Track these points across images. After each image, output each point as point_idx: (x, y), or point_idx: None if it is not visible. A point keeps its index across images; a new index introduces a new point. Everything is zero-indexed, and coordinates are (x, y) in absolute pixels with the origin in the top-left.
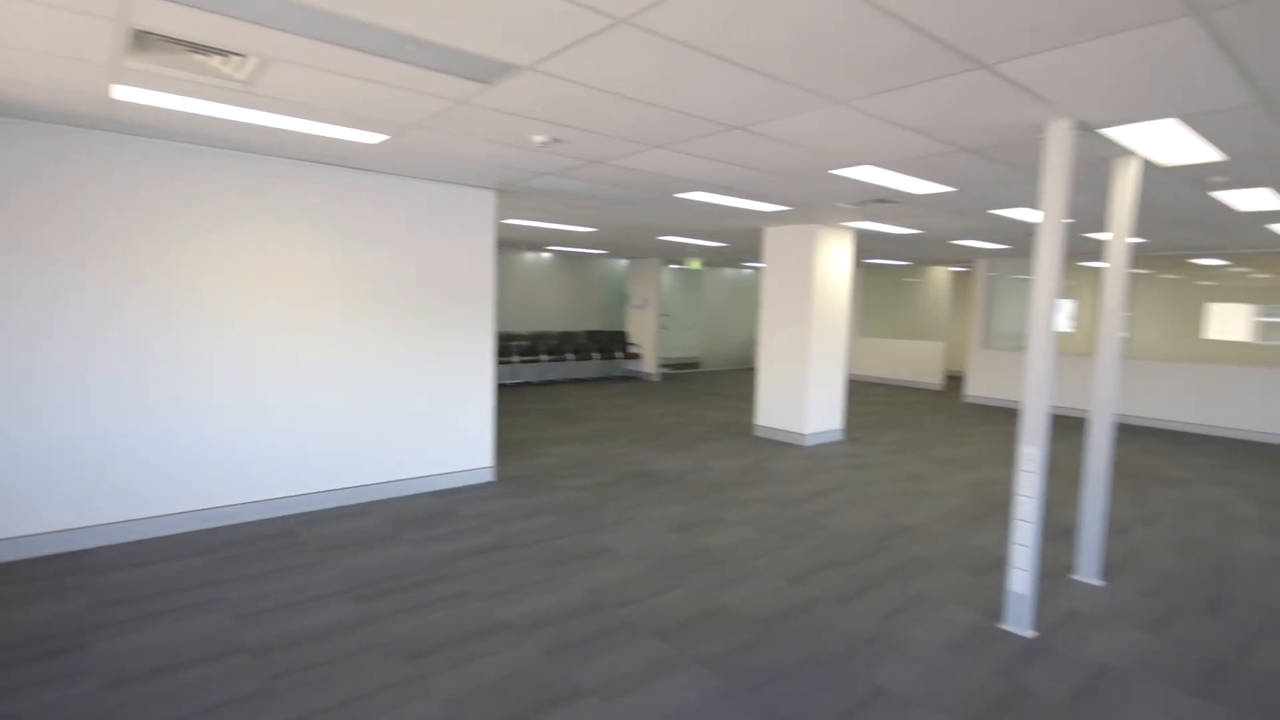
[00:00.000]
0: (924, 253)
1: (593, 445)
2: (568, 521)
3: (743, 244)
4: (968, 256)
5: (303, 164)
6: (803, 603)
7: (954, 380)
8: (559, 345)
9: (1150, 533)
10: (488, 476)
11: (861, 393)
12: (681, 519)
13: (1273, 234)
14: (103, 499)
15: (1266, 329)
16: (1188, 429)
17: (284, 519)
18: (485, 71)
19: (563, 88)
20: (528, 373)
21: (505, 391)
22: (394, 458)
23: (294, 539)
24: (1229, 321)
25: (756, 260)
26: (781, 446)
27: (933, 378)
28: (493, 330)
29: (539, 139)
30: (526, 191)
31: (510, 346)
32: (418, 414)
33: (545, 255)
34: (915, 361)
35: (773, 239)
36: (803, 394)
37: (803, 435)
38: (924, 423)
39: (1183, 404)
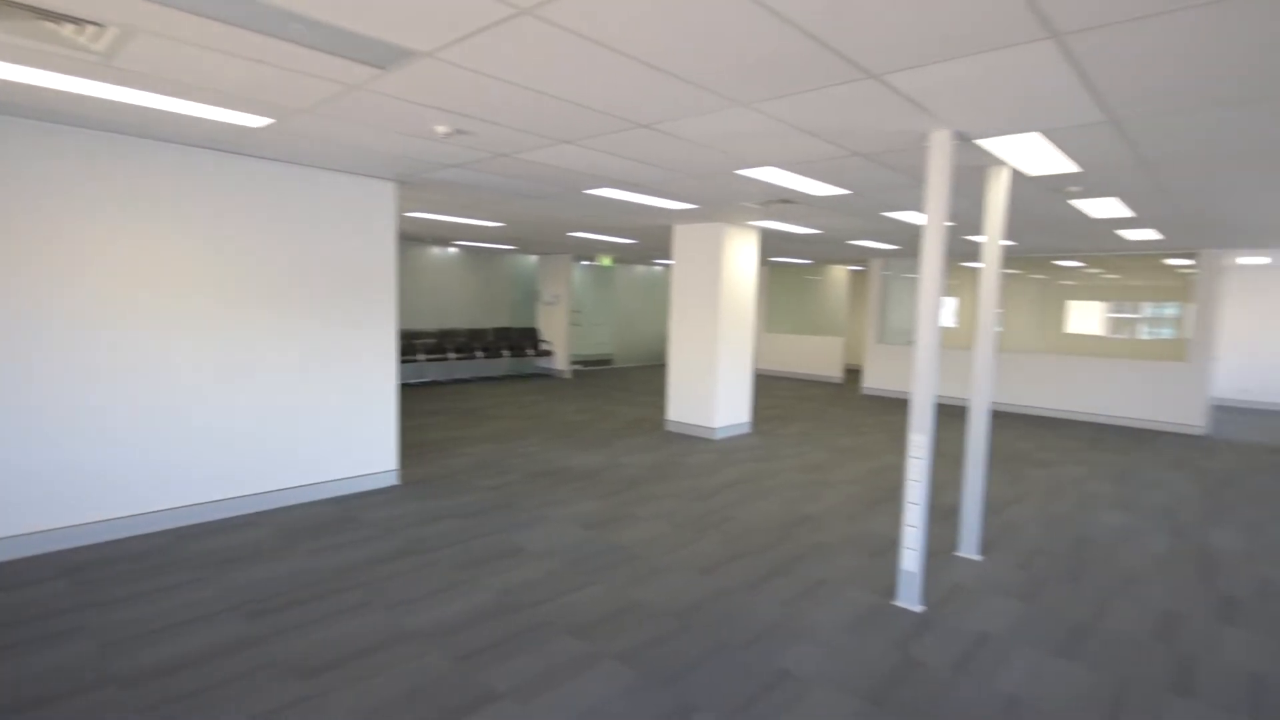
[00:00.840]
0: (824, 252)
1: (503, 444)
2: (478, 523)
3: (653, 241)
4: (864, 256)
5: (177, 147)
6: (713, 593)
7: (853, 373)
8: (467, 343)
9: (1022, 510)
10: (392, 480)
11: (767, 387)
12: (594, 516)
13: (1120, 239)
14: None
15: (1116, 324)
16: (1053, 415)
17: (162, 534)
18: (381, 56)
19: (465, 77)
20: (434, 371)
21: (411, 391)
22: (287, 463)
23: (173, 555)
24: (1085, 317)
25: (667, 258)
26: (692, 441)
27: (833, 371)
28: (395, 327)
29: (442, 129)
30: (431, 184)
31: (416, 344)
32: (313, 416)
33: (452, 250)
34: (817, 356)
35: (682, 237)
36: (712, 389)
37: (713, 429)
38: (825, 414)
39: (1049, 392)
